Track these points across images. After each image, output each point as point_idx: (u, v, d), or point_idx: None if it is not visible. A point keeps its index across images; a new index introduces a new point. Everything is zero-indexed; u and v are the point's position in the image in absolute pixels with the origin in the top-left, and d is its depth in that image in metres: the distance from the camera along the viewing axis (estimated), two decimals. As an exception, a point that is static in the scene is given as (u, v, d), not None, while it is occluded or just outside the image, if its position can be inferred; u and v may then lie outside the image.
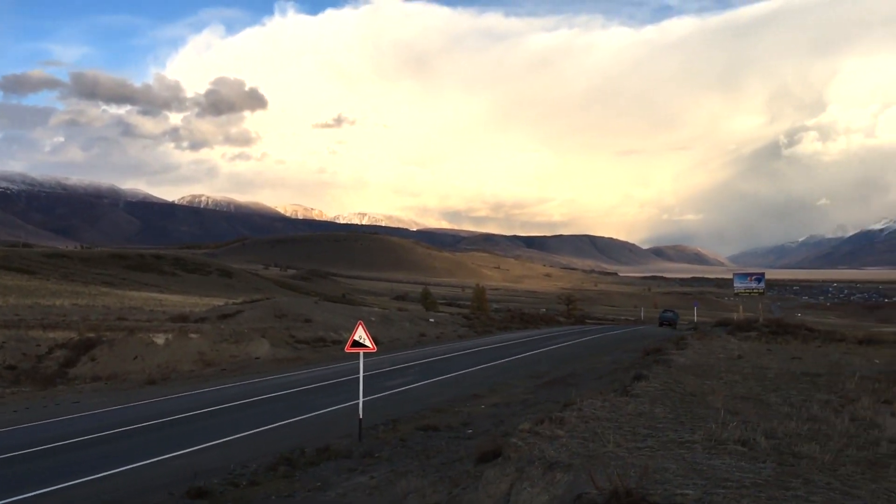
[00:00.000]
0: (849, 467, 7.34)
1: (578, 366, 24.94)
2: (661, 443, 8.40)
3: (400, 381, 21.44)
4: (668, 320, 64.40)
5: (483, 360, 27.46)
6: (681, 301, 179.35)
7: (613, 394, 12.37)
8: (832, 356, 21.36)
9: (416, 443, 12.76)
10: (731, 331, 34.56)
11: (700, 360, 19.25)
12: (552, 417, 9.66)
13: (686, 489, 6.33)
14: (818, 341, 28.80)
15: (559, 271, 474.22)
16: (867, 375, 15.83)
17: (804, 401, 12.05)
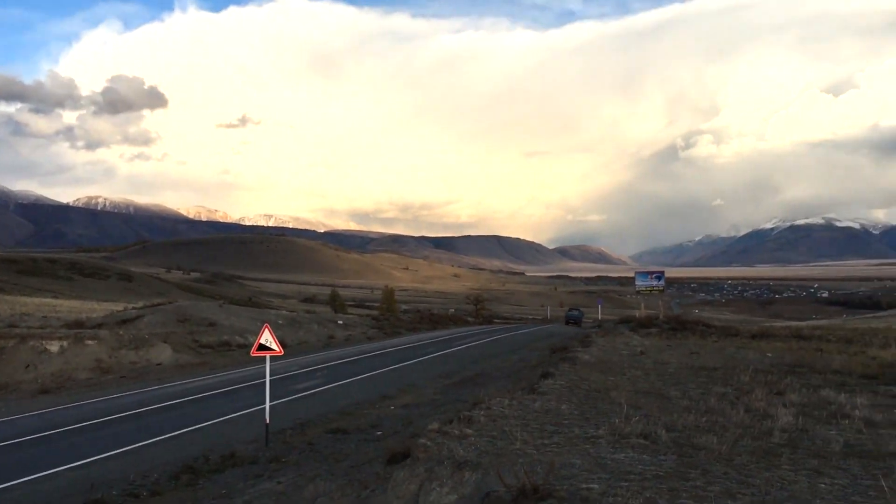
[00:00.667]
0: (744, 457, 7.63)
1: (487, 365, 25.16)
2: (567, 439, 8.56)
3: (308, 385, 21.15)
4: (573, 319, 65.77)
5: (392, 362, 27.38)
6: (586, 300, 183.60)
7: (521, 392, 12.53)
8: (728, 351, 22.22)
9: (325, 446, 12.61)
10: (634, 328, 35.50)
11: (604, 356, 19.71)
12: (461, 417, 9.71)
13: (591, 483, 6.46)
14: (715, 337, 29.90)
15: (467, 272, 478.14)
16: (760, 368, 16.53)
17: (702, 394, 12.49)
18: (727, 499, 6.05)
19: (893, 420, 9.90)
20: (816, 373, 15.89)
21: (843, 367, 16.84)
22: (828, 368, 16.62)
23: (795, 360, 18.81)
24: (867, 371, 15.83)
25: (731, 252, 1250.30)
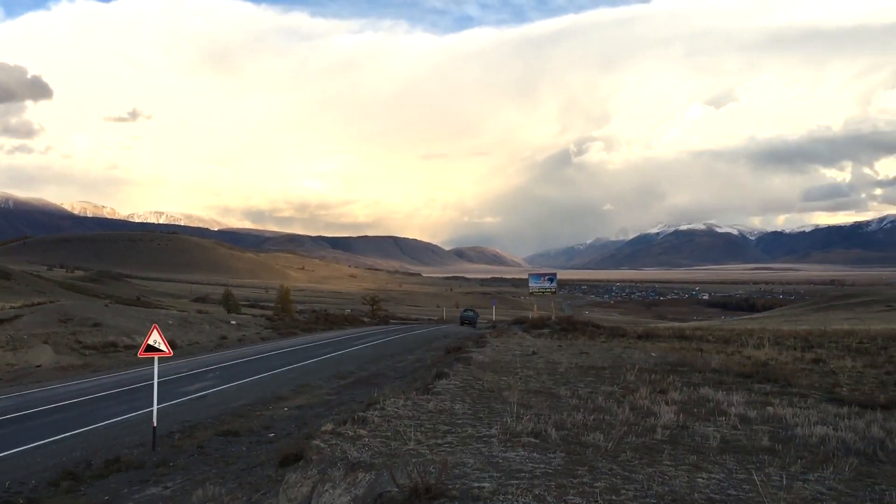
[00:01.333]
0: (629, 453, 7.93)
1: (382, 365, 25.17)
2: (460, 438, 8.68)
3: (199, 386, 20.62)
4: (468, 319, 66.50)
5: (287, 362, 27.01)
6: (481, 300, 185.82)
7: (416, 392, 12.61)
8: (615, 351, 22.97)
9: (215, 449, 12.34)
10: (527, 328, 36.21)
11: (498, 357, 20.04)
12: (355, 418, 9.70)
13: (483, 482, 6.58)
14: (603, 337, 30.85)
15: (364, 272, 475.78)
16: (645, 368, 17.17)
17: (591, 393, 12.88)
18: (612, 494, 6.29)
19: (766, 416, 10.48)
20: (697, 372, 16.61)
21: (721, 366, 17.68)
22: (707, 367, 17.40)
23: (678, 359, 19.62)
24: (743, 370, 16.67)
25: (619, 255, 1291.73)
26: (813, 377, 15.99)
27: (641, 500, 6.13)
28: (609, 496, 6.22)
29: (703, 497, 6.28)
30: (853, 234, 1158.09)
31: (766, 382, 14.95)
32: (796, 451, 8.18)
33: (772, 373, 16.09)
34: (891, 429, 9.32)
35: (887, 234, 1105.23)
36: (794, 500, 6.20)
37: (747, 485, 6.68)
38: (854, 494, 6.48)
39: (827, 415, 10.66)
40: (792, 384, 14.62)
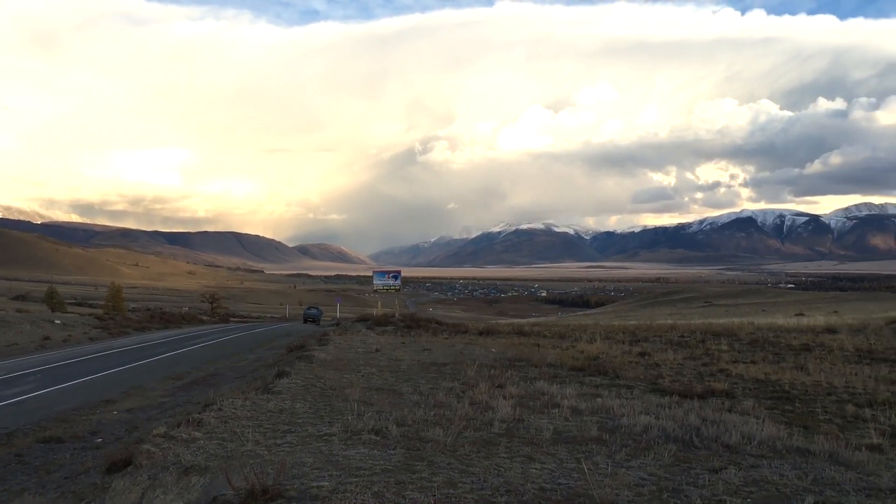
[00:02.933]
0: (467, 447, 8.12)
1: (221, 365, 24.41)
2: (300, 438, 8.57)
3: (17, 391, 19.18)
4: (312, 317, 65.74)
5: (117, 363, 25.64)
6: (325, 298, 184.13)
7: (255, 392, 12.32)
8: (457, 347, 23.39)
9: (35, 457, 11.54)
10: (371, 326, 36.19)
11: (341, 354, 19.93)
12: (190, 420, 9.36)
13: (322, 481, 6.54)
14: (446, 334, 31.34)
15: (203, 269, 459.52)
16: (485, 363, 17.60)
17: (432, 389, 13.06)
18: (449, 488, 6.41)
19: (595, 408, 11.02)
20: (534, 366, 17.21)
21: (557, 360, 18.40)
22: (543, 362, 18.06)
23: (516, 354, 20.23)
24: (576, 364, 17.43)
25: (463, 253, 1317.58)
26: (639, 370, 16.93)
27: (478, 493, 6.29)
28: (447, 490, 6.34)
29: (536, 487, 6.53)
30: (677, 235, 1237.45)
31: (597, 375, 15.70)
32: (622, 440, 8.66)
33: (602, 366, 16.92)
34: (706, 417, 10.03)
35: (706, 235, 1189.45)
36: (618, 485, 6.56)
37: (576, 473, 7.00)
38: (672, 479, 6.94)
39: (650, 405, 11.34)
40: (620, 376, 15.45)
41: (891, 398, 12.32)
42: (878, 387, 13.57)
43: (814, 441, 8.56)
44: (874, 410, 10.95)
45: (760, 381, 14.70)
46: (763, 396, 12.88)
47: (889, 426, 9.89)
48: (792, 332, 28.71)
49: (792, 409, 11.65)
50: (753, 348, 22.39)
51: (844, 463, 7.66)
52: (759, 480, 6.87)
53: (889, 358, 18.70)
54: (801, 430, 9.54)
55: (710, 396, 12.51)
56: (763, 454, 8.04)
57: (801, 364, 17.52)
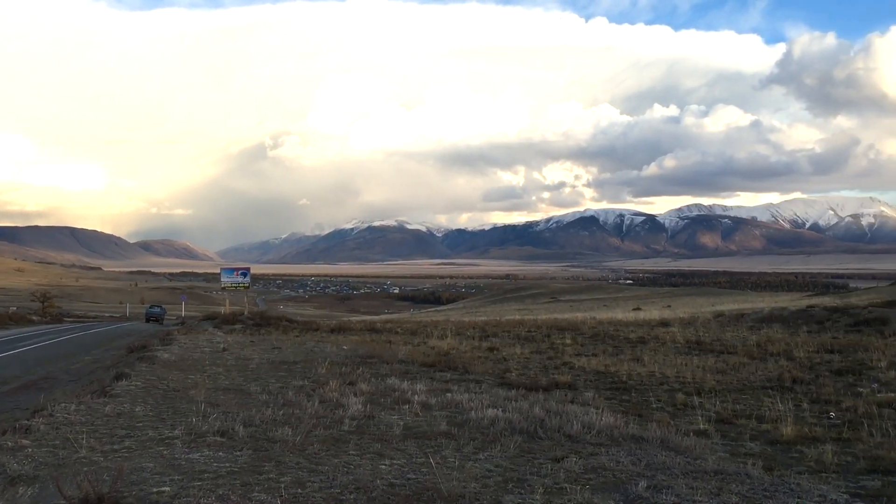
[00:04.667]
0: (316, 446, 8.03)
1: (54, 368, 22.91)
2: (139, 442, 8.20)
3: None
4: (155, 316, 63.03)
5: (-68, 369, 23.52)
6: (169, 296, 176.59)
7: (91, 395, 11.66)
8: (308, 345, 23.12)
9: None
10: (218, 324, 35.14)
11: (186, 354, 19.23)
12: (17, 427, 8.75)
13: (163, 486, 6.29)
14: (297, 331, 30.90)
15: (34, 266, 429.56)
16: (336, 361, 17.48)
17: (281, 388, 12.84)
18: (297, 488, 6.33)
19: (445, 403, 11.19)
20: (385, 363, 17.26)
21: (408, 356, 18.55)
22: (395, 358, 18.16)
23: (368, 351, 20.23)
24: (427, 360, 17.63)
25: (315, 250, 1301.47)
26: (488, 364, 17.36)
27: (326, 492, 6.25)
28: (294, 490, 6.26)
29: (385, 483, 6.56)
30: (525, 233, 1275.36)
31: (448, 371, 15.96)
32: (470, 434, 8.84)
33: (453, 362, 17.21)
34: (550, 408, 10.41)
35: (553, 233, 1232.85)
36: (466, 478, 6.69)
37: (425, 468, 7.08)
38: (517, 469, 7.16)
39: (498, 398, 11.65)
40: (470, 371, 15.77)
41: (717, 386, 13.25)
42: (706, 376, 14.55)
43: (647, 428, 9.08)
44: (701, 398, 11.74)
45: (601, 373, 15.42)
46: (603, 387, 13.53)
47: (714, 412, 10.63)
48: (630, 326, 30.30)
49: (628, 398, 12.30)
50: (595, 342, 23.47)
51: (674, 448, 8.16)
52: (598, 468, 7.21)
53: (715, 349, 20.10)
54: (637, 418, 10.10)
55: (554, 389, 13.01)
56: (602, 442, 8.44)
57: (638, 356, 18.52)
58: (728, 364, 16.60)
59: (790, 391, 12.67)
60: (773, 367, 15.70)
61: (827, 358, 17.26)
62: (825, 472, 7.34)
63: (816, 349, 18.85)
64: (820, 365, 16.07)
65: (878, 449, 8.12)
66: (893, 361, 15.94)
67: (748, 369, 15.65)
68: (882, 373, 14.36)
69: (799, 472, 7.32)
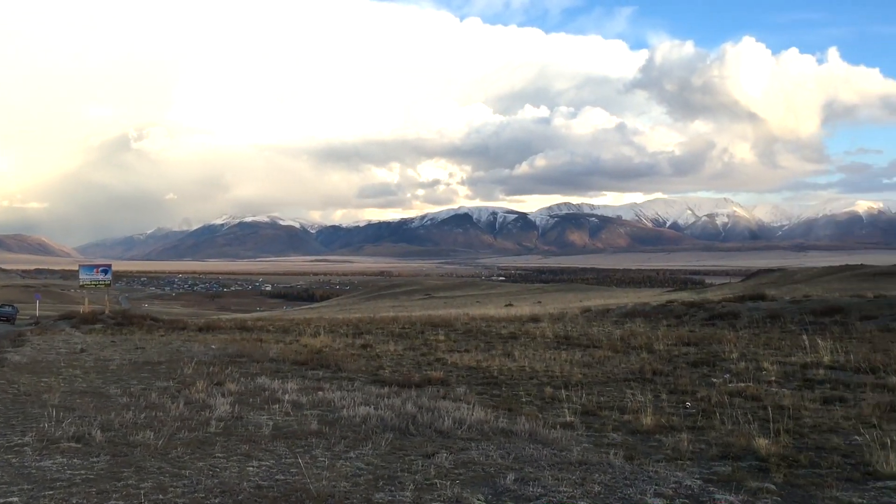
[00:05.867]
0: (180, 449, 7.74)
1: None
2: (-16, 451, 7.65)
3: None
4: (5, 315, 59.15)
5: None
6: (22, 294, 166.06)
7: (-71, 402, 10.81)
8: (174, 344, 22.30)
9: None
10: (76, 324, 33.36)
11: (39, 356, 18.16)
12: None
13: (11, 497, 5.90)
14: (162, 331, 29.74)
15: None
16: (204, 360, 16.95)
17: (144, 389, 12.33)
18: (159, 493, 6.07)
19: (316, 401, 11.05)
20: (255, 362, 16.89)
21: (280, 355, 18.22)
22: (266, 357, 17.80)
23: (238, 350, 19.72)
24: (299, 358, 17.37)
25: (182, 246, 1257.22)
26: (361, 362, 17.27)
27: (190, 496, 6.03)
28: (156, 496, 6.01)
29: (252, 485, 6.40)
30: (400, 230, 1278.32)
31: (320, 369, 15.78)
32: (341, 432, 8.76)
33: (325, 359, 17.03)
34: (422, 405, 10.46)
35: (427, 230, 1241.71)
36: (336, 477, 6.62)
37: (295, 468, 6.96)
38: (388, 466, 7.14)
39: (370, 396, 11.61)
40: (342, 369, 15.65)
41: (583, 379, 13.69)
42: (573, 370, 15.01)
43: (517, 422, 9.27)
44: (568, 391, 12.09)
45: (473, 369, 15.64)
46: (475, 383, 13.71)
47: (580, 405, 10.98)
48: (502, 322, 30.90)
49: (499, 393, 12.52)
50: (468, 338, 23.78)
51: (542, 441, 8.37)
52: (468, 462, 7.30)
53: (582, 343, 20.79)
54: (507, 412, 10.29)
55: (427, 385, 13.09)
56: (472, 437, 8.55)
57: (509, 351, 18.91)
58: (594, 358, 17.19)
59: (651, 383, 13.24)
60: (635, 360, 16.38)
61: (684, 350, 18.17)
62: (681, 459, 7.71)
63: (675, 342, 19.80)
64: (678, 357, 16.90)
65: (728, 436, 8.60)
66: (744, 353, 16.96)
67: (612, 362, 16.27)
68: (733, 364, 15.23)
69: (657, 460, 7.66)
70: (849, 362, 14.58)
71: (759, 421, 9.24)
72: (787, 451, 7.79)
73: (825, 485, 6.69)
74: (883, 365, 13.94)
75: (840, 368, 14.19)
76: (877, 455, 7.32)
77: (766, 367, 14.44)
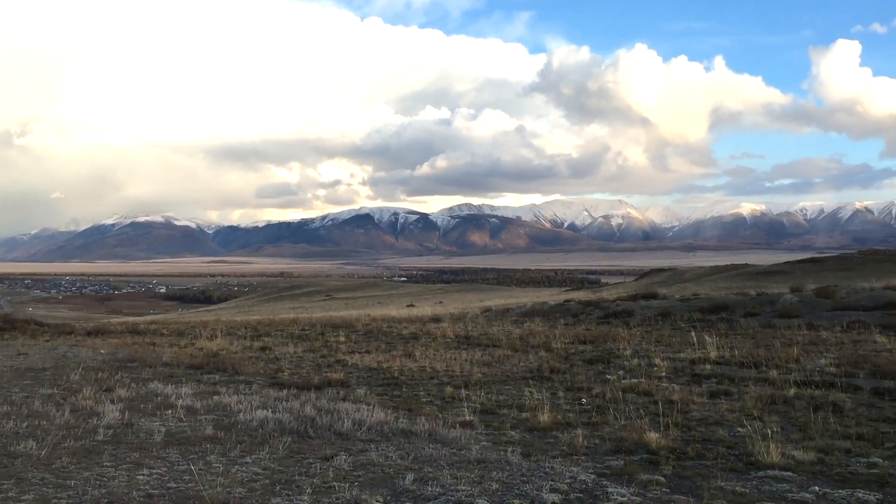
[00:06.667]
0: (65, 459, 7.41)
1: None
2: None
3: None
4: None
5: None
6: None
7: None
8: (60, 349, 21.29)
9: None
10: (-48, 329, 31.45)
11: None
12: None
13: None
14: (47, 335, 28.35)
15: None
16: (92, 366, 16.26)
17: (26, 397, 11.73)
18: (41, 506, 5.80)
19: (211, 406, 10.77)
20: (148, 366, 16.32)
21: (174, 359, 17.67)
22: (159, 361, 17.22)
23: (129, 355, 19.01)
24: (194, 362, 16.89)
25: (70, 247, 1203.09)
26: (259, 364, 16.94)
27: (75, 508, 5.78)
28: (38, 509, 5.72)
29: (142, 494, 6.18)
30: (300, 230, 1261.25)
31: (216, 372, 15.39)
32: (237, 437, 8.57)
33: (222, 363, 16.61)
34: (322, 407, 10.34)
35: (328, 230, 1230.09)
36: (231, 483, 6.47)
37: (188, 475, 6.77)
38: (285, 470, 7.03)
39: (268, 399, 11.39)
40: (240, 372, 15.31)
41: (483, 378, 13.85)
42: (473, 369, 15.16)
43: (416, 423, 9.29)
44: (468, 391, 12.20)
45: (373, 370, 15.58)
46: (375, 384, 13.67)
47: (480, 404, 11.09)
48: (403, 323, 30.91)
49: (400, 393, 12.52)
50: (369, 338, 23.68)
51: (441, 440, 8.42)
52: (367, 464, 7.26)
53: (483, 343, 21.03)
54: (407, 413, 10.30)
55: (326, 387, 12.95)
56: (372, 439, 8.52)
57: (410, 352, 18.92)
58: (493, 357, 17.40)
59: (548, 381, 13.51)
60: (533, 359, 16.68)
61: (581, 348, 18.63)
62: (576, 454, 7.89)
63: (572, 340, 20.27)
64: (575, 355, 17.30)
65: (622, 431, 8.87)
66: (637, 350, 17.53)
67: (512, 361, 16.51)
68: (627, 361, 15.72)
69: (553, 456, 7.82)
70: (734, 358, 15.28)
71: (650, 416, 9.56)
72: (675, 444, 8.11)
73: (711, 475, 6.99)
74: (765, 360, 14.68)
75: (725, 364, 14.85)
76: (758, 446, 7.69)
77: (657, 363, 14.98)
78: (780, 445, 7.74)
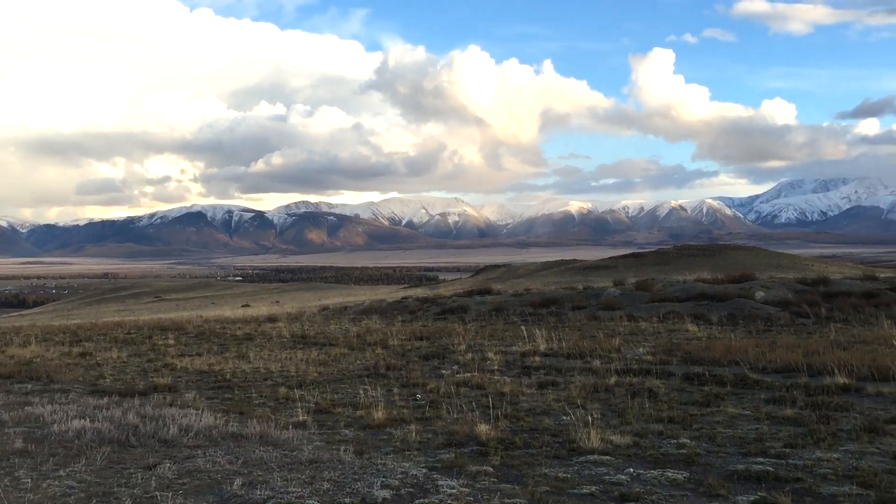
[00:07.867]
0: None
1: None
2: None
3: None
4: None
5: None
6: None
7: None
8: None
9: None
10: None
11: None
12: None
13: None
14: None
15: None
16: None
17: None
18: None
19: (22, 417, 10.02)
20: (-52, 378, 14.97)
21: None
22: (-38, 372, 15.84)
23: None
24: (3, 371, 15.64)
25: None
26: (78, 371, 15.94)
27: None
28: None
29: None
30: (126, 229, 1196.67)
31: (29, 381, 14.36)
32: (51, 449, 8.01)
33: (36, 371, 15.51)
34: (146, 414, 9.86)
35: (157, 228, 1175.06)
36: (42, 499, 6.05)
37: None
38: (103, 482, 6.65)
39: (87, 407, 10.72)
40: (55, 380, 14.34)
41: (318, 378, 13.71)
42: (309, 368, 14.97)
43: (248, 425, 9.05)
44: (303, 391, 12.05)
45: (204, 373, 15.05)
46: (205, 387, 13.21)
47: (315, 403, 10.97)
48: (237, 323, 30.06)
49: (231, 396, 12.17)
50: (200, 341, 22.85)
51: (273, 442, 8.25)
52: (193, 471, 6.99)
53: (319, 342, 20.83)
54: (238, 415, 10.02)
55: (152, 392, 12.39)
56: (199, 444, 8.21)
57: (244, 353, 18.44)
58: (330, 356, 17.27)
59: (384, 377, 13.56)
60: (370, 356, 16.70)
61: (417, 345, 18.84)
62: (409, 450, 7.97)
63: (409, 337, 20.46)
64: (411, 351, 17.49)
65: (454, 425, 9.04)
66: (471, 345, 17.96)
67: (348, 359, 16.46)
68: (461, 355, 16.07)
69: (386, 452, 7.86)
70: (561, 349, 15.99)
71: (481, 408, 9.81)
72: (504, 435, 8.38)
73: (536, 463, 7.28)
74: (589, 350, 15.47)
75: (554, 355, 15.51)
76: (580, 433, 8.08)
77: (490, 357, 15.41)
78: (600, 431, 8.17)
